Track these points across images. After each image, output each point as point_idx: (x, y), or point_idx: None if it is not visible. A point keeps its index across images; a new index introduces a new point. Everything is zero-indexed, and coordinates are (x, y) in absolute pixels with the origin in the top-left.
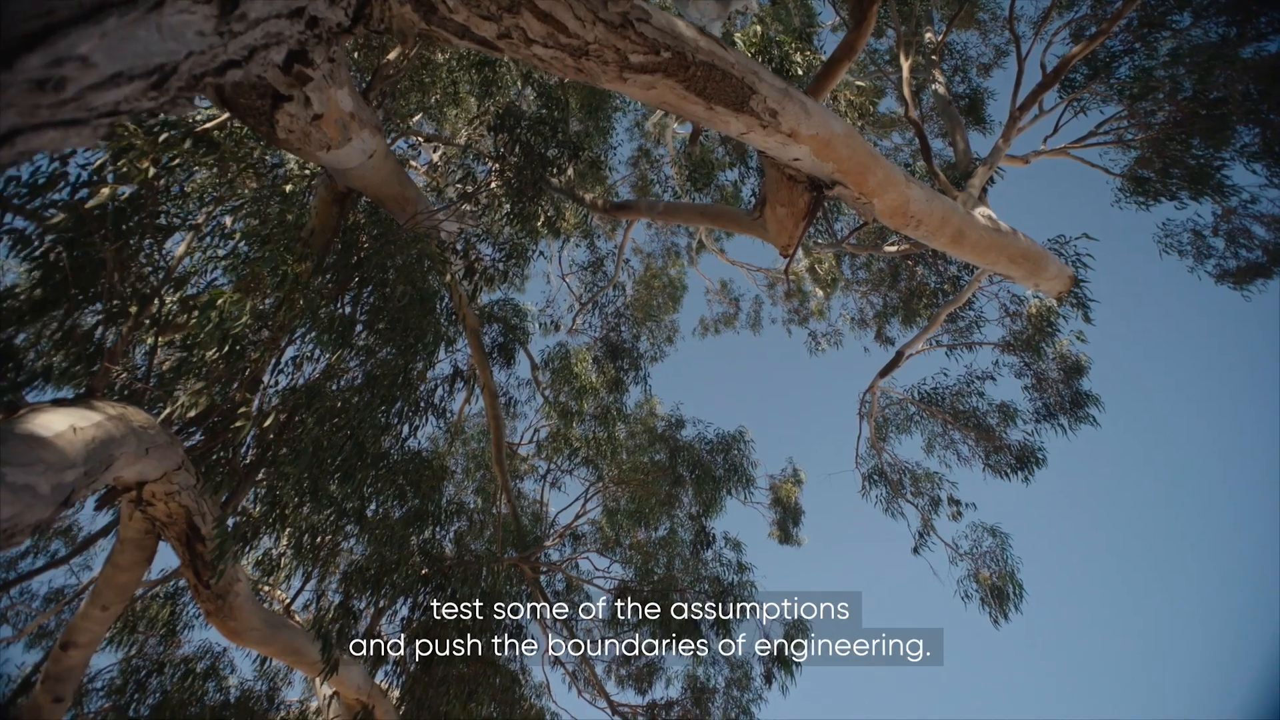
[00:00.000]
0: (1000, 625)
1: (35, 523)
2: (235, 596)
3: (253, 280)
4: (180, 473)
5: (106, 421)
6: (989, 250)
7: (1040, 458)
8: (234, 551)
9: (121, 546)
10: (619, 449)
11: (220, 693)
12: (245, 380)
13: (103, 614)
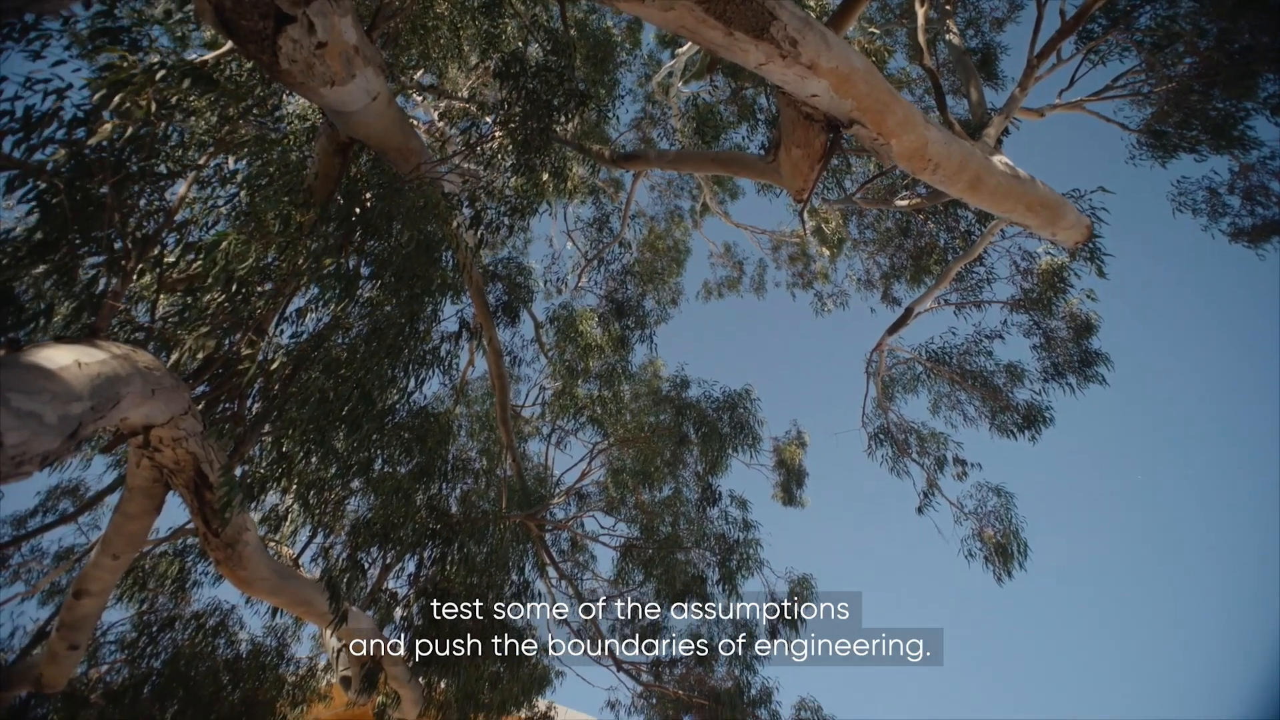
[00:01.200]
0: (1003, 582)
1: (44, 453)
2: (244, 546)
3: (256, 225)
4: (187, 418)
5: (112, 360)
6: (1006, 197)
7: (1047, 417)
8: (241, 499)
9: (130, 495)
10: (623, 409)
11: (230, 648)
12: (250, 327)
13: (113, 562)
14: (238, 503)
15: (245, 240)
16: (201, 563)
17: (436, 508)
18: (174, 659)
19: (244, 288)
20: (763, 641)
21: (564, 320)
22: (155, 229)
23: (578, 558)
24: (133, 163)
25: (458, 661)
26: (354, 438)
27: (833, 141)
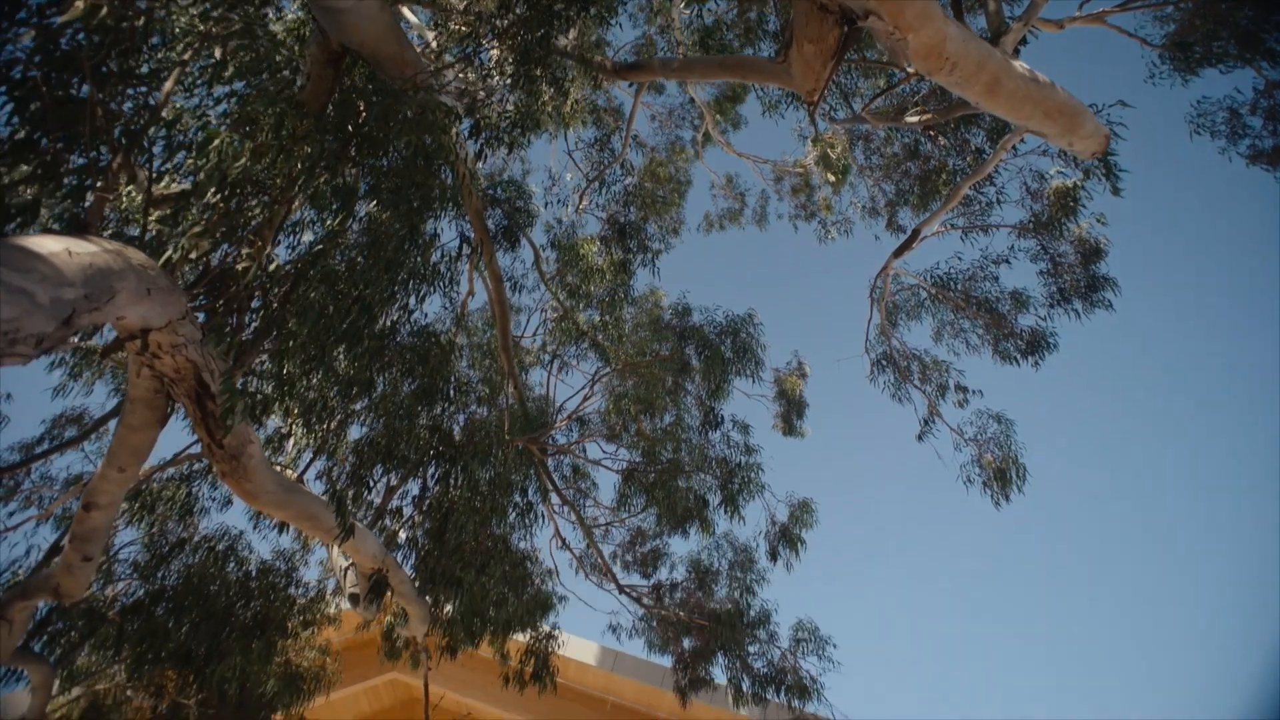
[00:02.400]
0: (1001, 506)
1: (38, 334)
2: (249, 458)
3: (249, 127)
4: (185, 324)
5: (104, 253)
6: (1025, 102)
7: (1051, 342)
8: (243, 407)
9: (132, 406)
10: (625, 338)
11: (240, 570)
12: (245, 237)
13: (119, 475)
14: (240, 410)
15: (238, 139)
16: (208, 489)
17: (439, 429)
18: (186, 578)
19: (238, 190)
20: (762, 566)
21: (565, 245)
22: (141, 125)
23: (579, 484)
24: (112, 60)
25: (462, 581)
26: (354, 354)
27: (847, 36)
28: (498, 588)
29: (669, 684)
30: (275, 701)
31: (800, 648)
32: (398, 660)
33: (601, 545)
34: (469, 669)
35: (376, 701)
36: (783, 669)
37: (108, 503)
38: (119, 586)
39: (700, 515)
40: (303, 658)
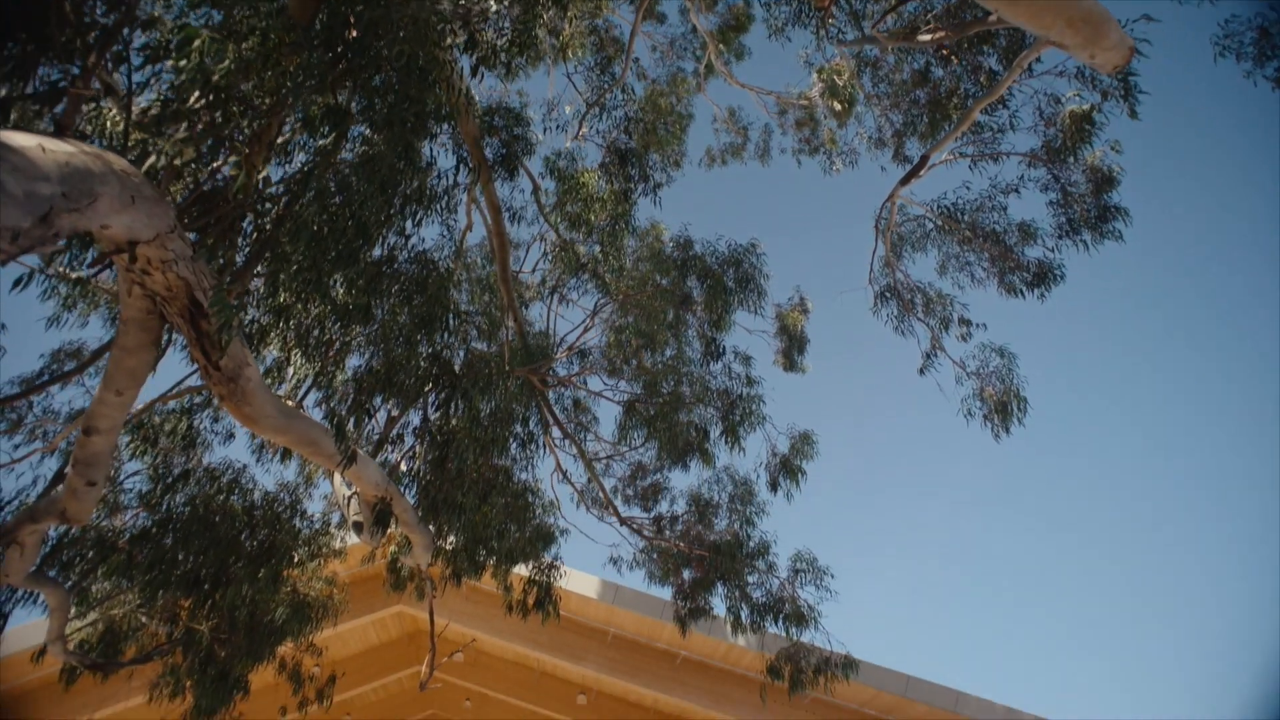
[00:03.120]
0: (1000, 439)
1: (12, 229)
2: (247, 381)
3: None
4: (174, 239)
5: (81, 155)
6: (1047, 10)
7: (1058, 274)
8: (238, 322)
9: (125, 328)
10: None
11: (244, 500)
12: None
13: (117, 399)
14: (233, 327)
15: (220, 41)
16: (210, 422)
17: (439, 358)
18: (191, 508)
19: (223, 97)
20: (761, 498)
21: (564, 174)
22: (116, 21)
23: (580, 419)
24: None
25: (464, 507)
26: (350, 277)
27: None
28: (499, 518)
29: (668, 616)
30: (285, 628)
31: (798, 578)
32: (403, 592)
33: (602, 479)
34: (473, 602)
35: (384, 633)
36: (781, 598)
37: (108, 427)
38: (126, 517)
39: (701, 447)
40: (310, 588)
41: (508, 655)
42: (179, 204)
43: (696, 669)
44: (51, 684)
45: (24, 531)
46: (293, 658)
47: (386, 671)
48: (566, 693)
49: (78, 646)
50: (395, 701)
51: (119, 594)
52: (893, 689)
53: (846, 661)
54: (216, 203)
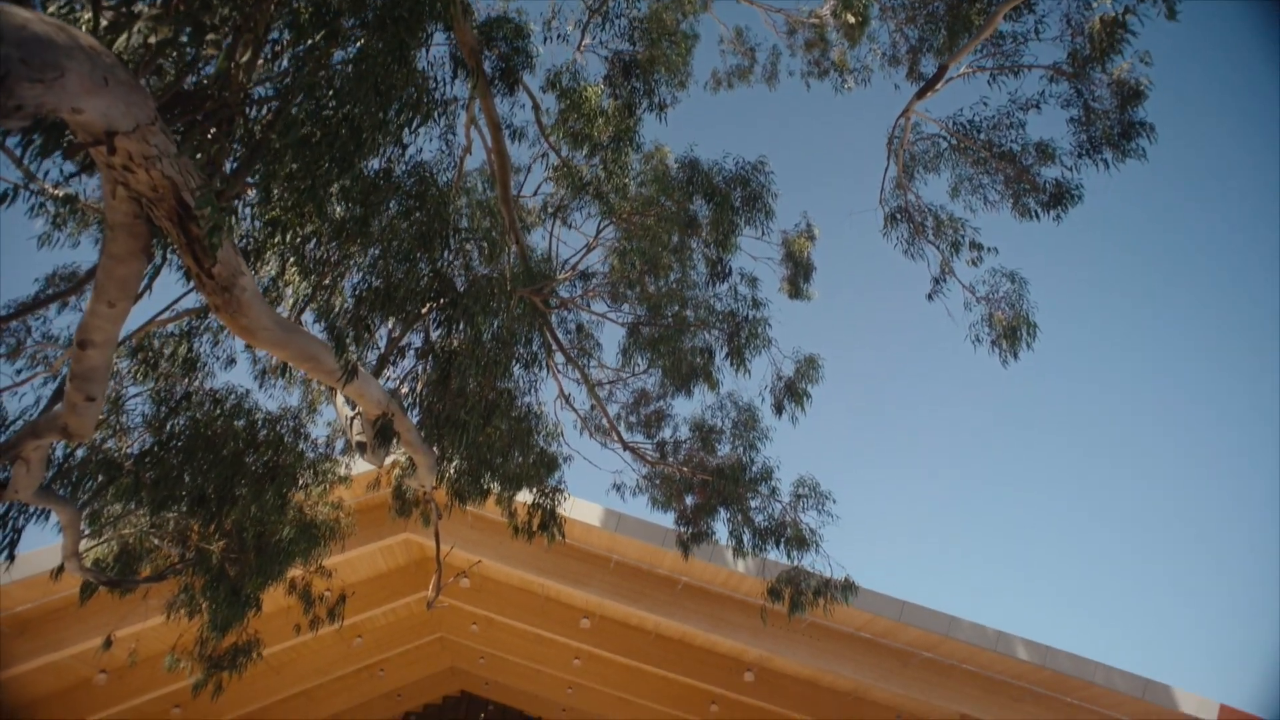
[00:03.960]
0: (1008, 364)
1: None
2: (242, 291)
3: None
4: (156, 132)
5: (41, 23)
6: None
7: (1076, 195)
8: (228, 221)
9: (113, 234)
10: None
11: (247, 422)
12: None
13: (110, 310)
14: (225, 229)
15: None
16: (209, 346)
17: (441, 274)
18: (194, 429)
19: None
20: (765, 424)
21: (566, 88)
22: None
23: (583, 344)
24: None
25: (467, 425)
26: (346, 186)
27: None
28: (503, 442)
29: (670, 544)
30: (292, 549)
31: (800, 503)
32: (408, 518)
33: (605, 406)
34: (478, 530)
35: (391, 560)
36: (782, 523)
37: (102, 340)
38: (131, 439)
39: (706, 371)
40: (316, 512)
41: (513, 582)
42: (159, 104)
43: (697, 594)
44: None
45: (28, 447)
46: (303, 579)
47: (394, 597)
48: (570, 617)
49: (94, 564)
50: (404, 625)
51: (129, 514)
52: (887, 614)
53: (846, 584)
54: (200, 101)
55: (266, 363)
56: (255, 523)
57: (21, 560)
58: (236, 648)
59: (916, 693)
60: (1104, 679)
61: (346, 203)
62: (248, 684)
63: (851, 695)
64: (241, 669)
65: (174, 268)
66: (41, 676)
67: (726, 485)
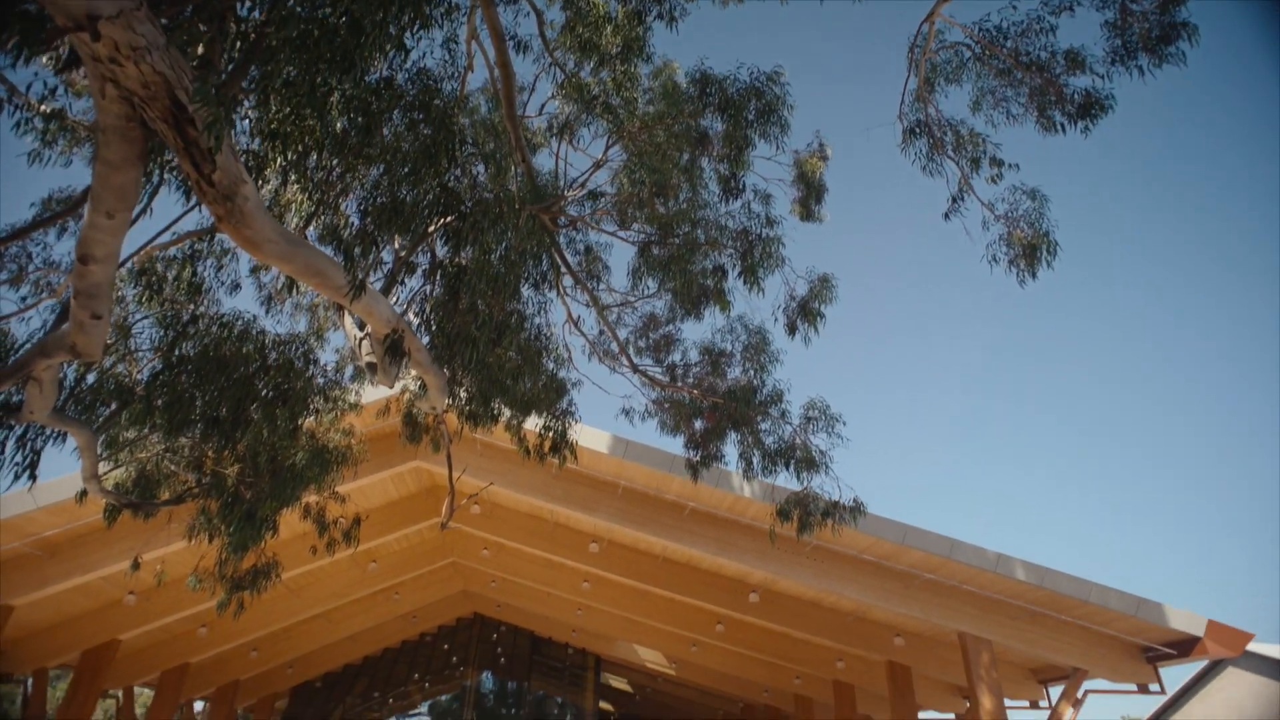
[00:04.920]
0: (1025, 284)
1: None
2: (244, 201)
3: None
4: (142, 20)
5: None
6: None
7: (1106, 104)
8: (227, 124)
9: (106, 138)
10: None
11: (256, 345)
12: None
13: (109, 222)
14: (222, 127)
15: None
16: (214, 271)
17: (448, 189)
18: (203, 351)
19: None
20: (775, 347)
21: None
22: None
23: (592, 268)
24: None
25: (478, 341)
26: (346, 86)
27: None
28: (513, 365)
29: (677, 470)
30: (305, 473)
31: (810, 425)
32: (419, 444)
33: (614, 330)
34: (487, 457)
35: (402, 488)
36: (792, 445)
37: (103, 255)
38: (141, 364)
39: (718, 290)
40: (328, 439)
41: (522, 508)
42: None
43: (704, 519)
44: (97, 530)
45: (39, 367)
46: (318, 505)
47: (407, 523)
48: (579, 542)
49: (114, 487)
50: (417, 551)
51: (143, 439)
52: (890, 538)
53: (855, 505)
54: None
55: (272, 288)
56: (268, 447)
57: (47, 487)
58: (256, 569)
59: (917, 612)
60: (1099, 598)
61: (348, 113)
62: (269, 606)
63: (853, 615)
64: (261, 590)
65: (173, 188)
66: (75, 597)
67: (737, 407)
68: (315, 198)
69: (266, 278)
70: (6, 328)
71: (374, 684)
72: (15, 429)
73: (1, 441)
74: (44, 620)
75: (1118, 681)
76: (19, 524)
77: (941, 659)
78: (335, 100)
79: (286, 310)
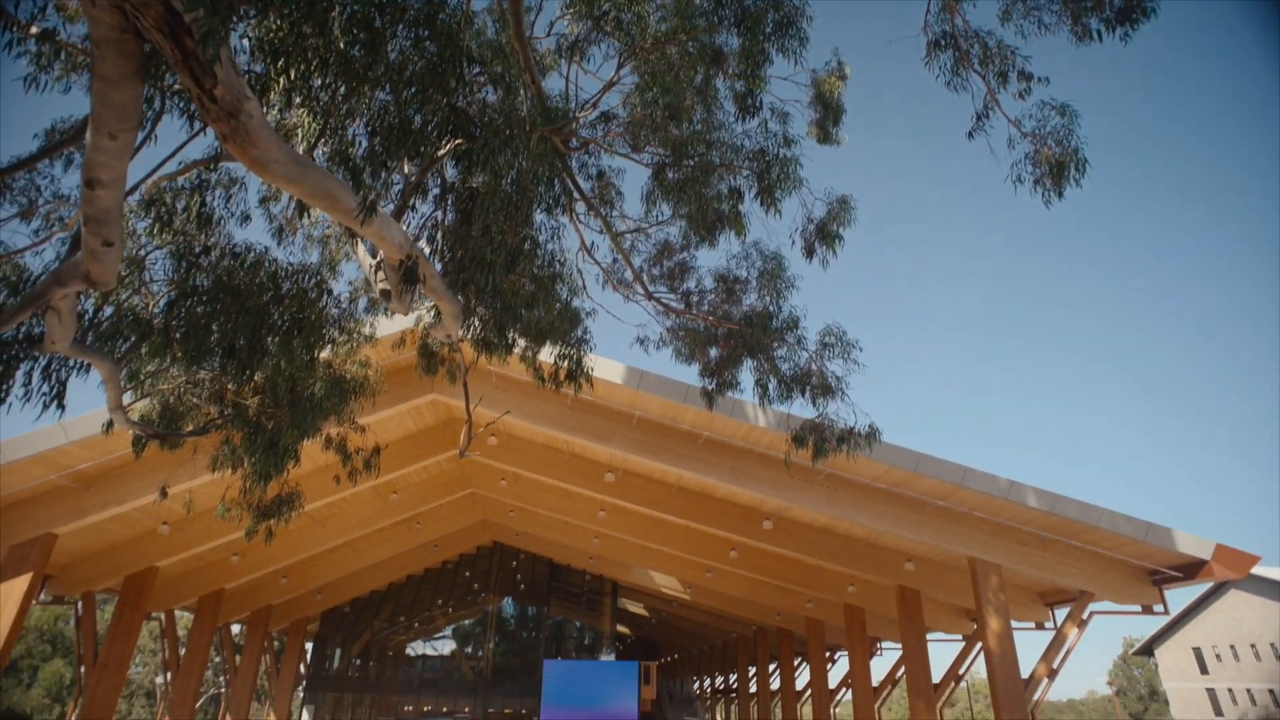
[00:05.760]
0: (1051, 205)
1: None
2: (249, 118)
3: None
4: None
5: None
6: None
7: (1148, 7)
8: (225, 36)
9: (101, 52)
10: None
11: (270, 273)
12: None
13: (113, 143)
14: (219, 33)
15: None
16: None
17: (457, 109)
18: (216, 280)
19: None
20: (791, 273)
21: None
22: None
23: (605, 194)
24: None
25: (493, 265)
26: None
27: None
28: (527, 293)
29: (692, 400)
30: (324, 404)
31: (827, 352)
32: (435, 375)
33: (629, 256)
34: (503, 389)
35: (419, 421)
36: (808, 371)
37: (110, 179)
38: (156, 295)
39: (735, 212)
40: (345, 369)
41: (539, 439)
42: None
43: (719, 449)
44: (128, 463)
45: (55, 296)
46: (339, 435)
47: (425, 455)
48: (595, 472)
49: (140, 418)
50: (436, 483)
51: (164, 372)
52: (904, 465)
53: (870, 431)
54: None
55: (283, 218)
56: (286, 378)
57: (78, 422)
58: (280, 498)
59: (928, 538)
60: (1108, 523)
61: (351, 30)
62: (296, 536)
63: (865, 542)
64: (286, 518)
65: (176, 115)
66: (113, 526)
67: (753, 333)
68: (321, 121)
69: (276, 209)
70: (22, 261)
71: (399, 609)
72: (40, 360)
73: (28, 372)
74: (87, 548)
75: (1123, 603)
76: (54, 457)
77: (950, 583)
78: (336, 15)
79: (298, 243)
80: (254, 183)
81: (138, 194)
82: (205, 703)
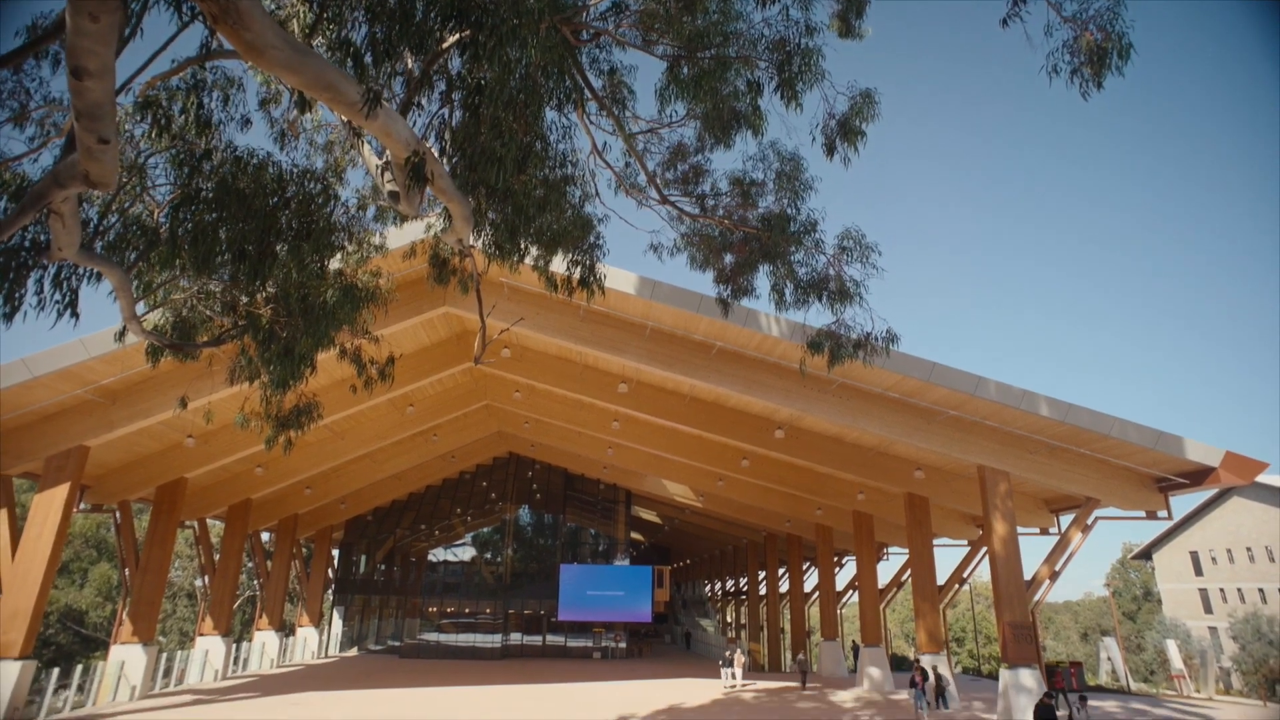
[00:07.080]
0: (1089, 96)
1: None
2: None
3: None
4: None
5: None
6: None
7: None
8: None
9: None
10: None
11: (275, 176)
12: None
13: (95, 26)
14: None
15: None
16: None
17: None
18: (220, 182)
19: None
20: (809, 175)
21: None
22: None
23: (617, 93)
24: None
25: (504, 160)
26: None
27: None
28: (538, 194)
29: (705, 309)
30: (337, 312)
31: (845, 256)
32: (447, 285)
33: (644, 154)
34: (515, 301)
35: (433, 334)
36: (826, 276)
37: (97, 67)
38: (159, 200)
39: (754, 107)
40: (357, 279)
41: (552, 350)
42: None
43: (732, 359)
44: (150, 378)
45: (56, 198)
46: (353, 346)
47: (440, 368)
48: (608, 383)
49: (154, 329)
50: (451, 395)
51: (174, 280)
52: (917, 374)
53: (888, 336)
54: None
55: (284, 122)
56: (298, 286)
57: (99, 338)
58: (298, 408)
59: (938, 447)
60: (1119, 432)
61: None
62: (317, 448)
63: (875, 450)
64: (305, 427)
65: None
66: (141, 439)
67: (770, 236)
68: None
69: (277, 112)
70: (20, 169)
71: (420, 517)
72: (49, 269)
73: (39, 280)
74: (119, 460)
75: (1128, 509)
76: (79, 372)
77: (958, 491)
78: None
79: (301, 148)
80: (252, 85)
81: (131, 94)
82: (243, 603)
